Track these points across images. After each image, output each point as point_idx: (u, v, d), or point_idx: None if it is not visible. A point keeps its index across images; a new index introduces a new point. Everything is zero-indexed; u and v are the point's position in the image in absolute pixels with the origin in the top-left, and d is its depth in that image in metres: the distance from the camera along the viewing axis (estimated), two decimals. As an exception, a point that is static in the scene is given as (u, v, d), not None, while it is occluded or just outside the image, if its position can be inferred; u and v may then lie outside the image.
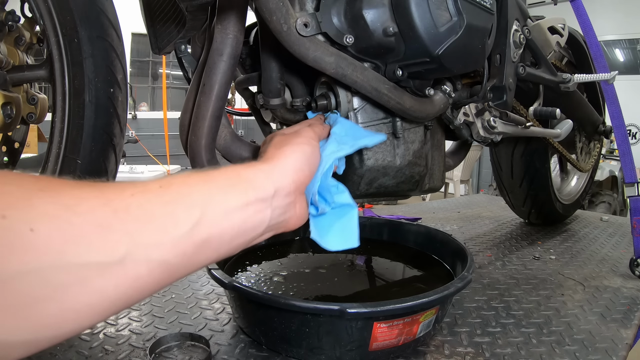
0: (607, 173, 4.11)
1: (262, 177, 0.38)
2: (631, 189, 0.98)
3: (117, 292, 0.27)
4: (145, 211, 0.29)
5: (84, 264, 0.25)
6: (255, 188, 0.37)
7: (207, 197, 0.33)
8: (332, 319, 0.54)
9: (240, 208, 0.35)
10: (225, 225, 0.33)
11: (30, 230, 0.24)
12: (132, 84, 6.62)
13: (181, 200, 0.31)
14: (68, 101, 0.70)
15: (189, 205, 0.31)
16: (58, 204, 0.25)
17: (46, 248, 0.24)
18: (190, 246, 0.31)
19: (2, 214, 0.23)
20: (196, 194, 0.32)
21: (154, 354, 0.58)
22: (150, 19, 0.67)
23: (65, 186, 0.27)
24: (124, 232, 0.27)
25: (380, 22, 0.53)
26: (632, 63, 5.73)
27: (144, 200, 0.29)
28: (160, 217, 0.29)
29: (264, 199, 0.37)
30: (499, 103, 0.72)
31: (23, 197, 0.25)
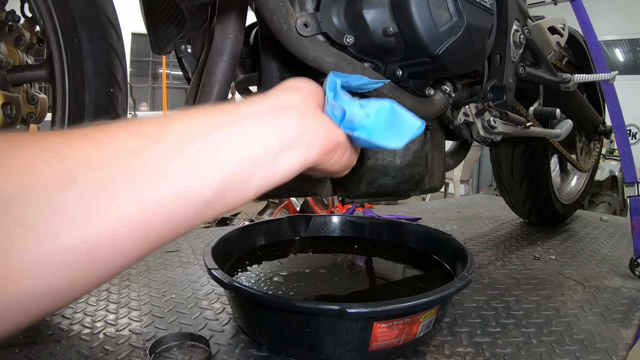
0: (607, 173, 4.12)
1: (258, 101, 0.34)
2: (631, 189, 0.98)
3: None
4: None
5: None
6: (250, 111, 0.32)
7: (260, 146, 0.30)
8: (332, 319, 0.54)
9: (289, 150, 0.32)
10: (277, 173, 0.31)
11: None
12: (132, 84, 6.63)
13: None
14: (68, 101, 0.70)
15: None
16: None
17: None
18: (248, 194, 0.30)
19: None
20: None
21: (154, 354, 0.58)
22: (150, 19, 0.67)
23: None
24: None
25: (380, 22, 0.53)
26: (632, 63, 5.74)
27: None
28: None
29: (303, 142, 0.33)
30: (499, 103, 0.72)
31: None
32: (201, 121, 0.30)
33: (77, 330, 0.64)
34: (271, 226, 0.89)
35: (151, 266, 0.92)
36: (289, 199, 3.07)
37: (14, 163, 0.22)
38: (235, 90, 0.79)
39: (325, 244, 0.92)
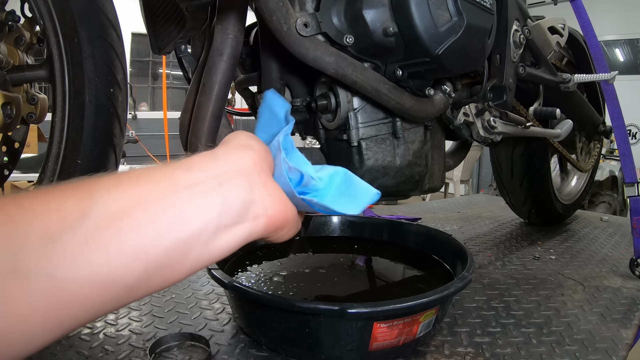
0: (607, 173, 4.11)
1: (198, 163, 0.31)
2: (631, 189, 0.98)
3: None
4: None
5: None
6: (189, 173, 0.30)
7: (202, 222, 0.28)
8: (332, 319, 0.54)
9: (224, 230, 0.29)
10: (215, 249, 0.29)
11: None
12: (132, 84, 6.63)
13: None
14: (68, 101, 0.70)
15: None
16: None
17: None
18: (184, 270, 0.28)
19: None
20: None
21: (154, 354, 0.58)
22: (150, 19, 0.67)
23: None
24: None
25: (380, 22, 0.53)
26: (632, 63, 5.73)
27: None
28: None
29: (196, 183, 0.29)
30: (499, 103, 0.72)
31: None
32: (130, 196, 0.27)
33: (77, 330, 0.64)
34: (271, 226, 0.88)
35: (151, 266, 0.92)
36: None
37: None
38: (235, 90, 0.79)
39: (325, 244, 0.92)
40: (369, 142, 0.62)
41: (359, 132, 0.62)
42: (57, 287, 0.24)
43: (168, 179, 0.29)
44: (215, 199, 0.29)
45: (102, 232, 0.25)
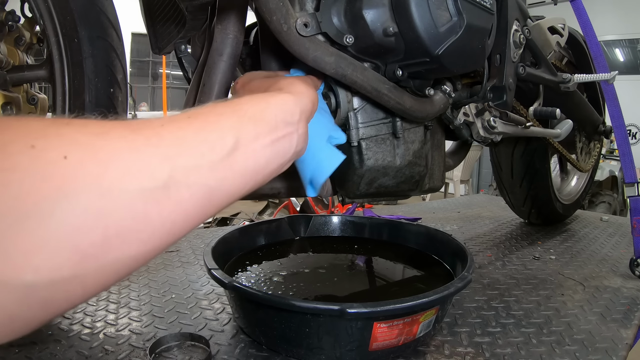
0: (607, 173, 4.12)
1: (288, 104, 0.39)
2: (631, 189, 0.98)
3: (162, 218, 0.26)
4: (178, 137, 0.28)
5: (123, 189, 0.24)
6: (282, 113, 0.37)
7: (238, 125, 0.33)
8: (332, 319, 0.54)
9: (271, 132, 0.35)
10: (259, 151, 0.34)
11: (63, 157, 0.22)
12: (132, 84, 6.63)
13: (213, 128, 0.31)
14: (68, 101, 0.70)
15: (222, 132, 0.31)
16: (88, 133, 0.24)
17: (82, 174, 0.23)
18: (229, 171, 0.31)
19: (31, 144, 0.22)
20: (226, 122, 0.32)
21: (154, 354, 0.58)
22: (150, 19, 0.67)
23: (90, 120, 0.26)
24: (161, 156, 0.26)
25: (380, 22, 0.53)
26: (632, 63, 5.74)
27: (175, 128, 0.29)
28: (195, 142, 0.29)
29: (291, 123, 0.38)
30: (499, 103, 0.72)
31: (50, 127, 0.24)
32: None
33: (77, 330, 0.64)
34: (271, 226, 0.89)
35: (151, 266, 0.92)
36: (289, 199, 3.07)
37: None
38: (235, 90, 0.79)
39: (325, 244, 0.92)
40: (369, 142, 0.62)
41: (359, 132, 0.62)
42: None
43: (271, 123, 0.36)
44: (292, 144, 0.38)
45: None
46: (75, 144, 0.23)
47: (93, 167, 0.23)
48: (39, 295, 0.22)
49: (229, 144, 0.31)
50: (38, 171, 0.22)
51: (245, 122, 0.33)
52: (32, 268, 0.21)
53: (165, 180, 0.26)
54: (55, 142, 0.23)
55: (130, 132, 0.26)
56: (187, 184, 0.27)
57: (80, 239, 0.23)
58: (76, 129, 0.24)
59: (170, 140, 0.28)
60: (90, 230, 0.23)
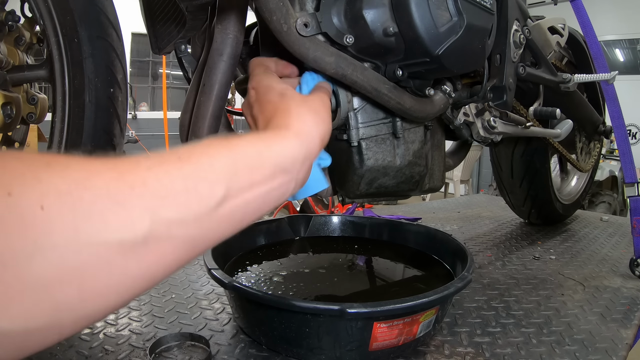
0: (607, 173, 4.11)
1: (291, 151, 0.36)
2: (631, 189, 0.98)
3: (141, 271, 0.26)
4: (164, 186, 0.26)
5: (102, 242, 0.23)
6: (283, 161, 0.35)
7: (231, 172, 0.30)
8: (332, 319, 0.54)
9: (267, 182, 0.33)
10: (250, 201, 0.32)
11: (40, 207, 0.22)
12: (132, 84, 6.62)
13: (203, 175, 0.29)
14: (68, 101, 0.70)
15: (213, 180, 0.29)
16: (67, 179, 0.23)
17: (60, 226, 0.22)
18: (215, 222, 0.29)
19: (8, 191, 0.21)
20: (219, 168, 0.30)
21: (154, 354, 0.58)
22: (150, 19, 0.67)
23: (72, 161, 0.24)
24: (143, 208, 0.25)
25: (380, 22, 0.53)
26: (632, 63, 5.73)
27: (162, 173, 0.27)
28: (181, 192, 0.27)
29: (290, 172, 0.36)
30: (499, 103, 0.72)
31: (29, 171, 0.22)
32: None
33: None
34: (271, 226, 0.89)
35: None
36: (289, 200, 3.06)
37: None
38: (235, 90, 0.79)
39: (325, 244, 0.92)
40: (369, 142, 0.62)
41: (359, 132, 0.62)
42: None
43: (268, 171, 0.34)
44: (288, 190, 0.37)
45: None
46: (54, 192, 0.22)
47: (70, 220, 0.22)
48: (13, 340, 0.22)
49: (219, 195, 0.29)
50: (14, 222, 0.21)
51: (240, 169, 0.31)
52: (6, 316, 0.21)
53: (146, 233, 0.25)
54: (32, 190, 0.22)
55: (114, 178, 0.25)
56: (169, 236, 0.26)
57: (55, 292, 0.22)
58: (57, 174, 0.23)
59: (155, 189, 0.26)
60: (65, 284, 0.23)
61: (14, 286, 0.21)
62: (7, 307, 0.21)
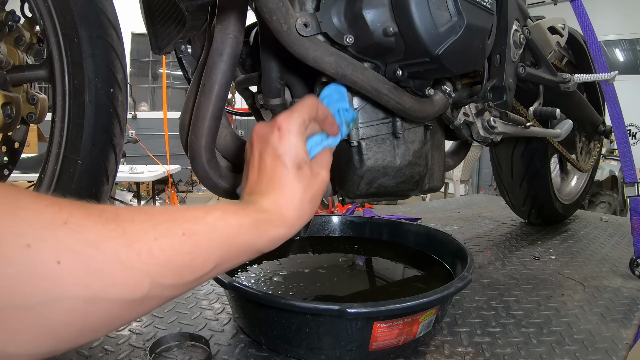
0: (607, 173, 4.12)
1: (277, 239, 0.41)
2: (631, 189, 0.98)
3: (132, 317, 0.31)
4: (167, 257, 0.31)
5: (107, 299, 0.28)
6: (267, 246, 0.40)
7: (224, 254, 0.36)
8: (332, 319, 0.54)
9: (248, 257, 0.39)
10: (229, 267, 0.38)
11: (56, 262, 0.25)
12: (132, 84, 6.63)
13: (201, 254, 0.33)
14: (68, 101, 0.70)
15: (207, 259, 0.34)
16: (82, 240, 0.27)
17: (72, 281, 0.26)
18: (196, 284, 0.35)
19: (27, 243, 0.24)
20: (215, 250, 0.35)
21: (154, 354, 0.58)
22: (150, 19, 0.67)
23: (88, 221, 0.28)
24: (146, 273, 0.29)
25: (380, 22, 0.53)
26: (632, 63, 5.73)
27: (167, 246, 0.31)
28: (180, 265, 0.32)
29: (268, 250, 0.41)
30: (499, 103, 0.72)
31: (48, 229, 0.26)
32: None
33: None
34: (271, 226, 0.88)
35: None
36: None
37: None
38: (235, 90, 0.79)
39: (325, 244, 0.92)
40: (369, 142, 0.62)
41: (359, 132, 0.62)
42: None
43: (253, 252, 0.40)
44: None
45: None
46: (70, 251, 0.26)
47: (82, 277, 0.26)
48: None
49: (208, 268, 0.34)
50: (32, 271, 0.25)
51: (231, 252, 0.36)
52: (15, 344, 0.25)
53: (144, 295, 0.30)
54: (50, 246, 0.25)
55: (124, 244, 0.29)
56: (159, 296, 0.31)
57: (60, 331, 0.27)
58: (72, 235, 0.27)
59: (159, 259, 0.30)
60: (70, 326, 0.27)
61: (24, 323, 0.25)
62: (17, 338, 0.25)
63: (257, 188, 0.43)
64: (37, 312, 0.25)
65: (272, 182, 0.42)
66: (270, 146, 0.43)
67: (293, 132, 0.43)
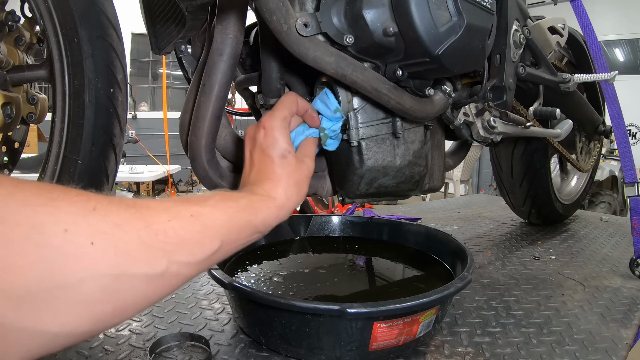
0: (607, 173, 4.12)
1: (270, 219, 0.46)
2: (631, 189, 0.98)
3: (155, 296, 0.34)
4: (180, 237, 0.35)
5: (133, 275, 0.31)
6: (262, 226, 0.45)
7: (227, 232, 0.40)
8: (332, 319, 0.54)
9: (247, 238, 0.43)
10: (231, 249, 0.41)
11: (90, 243, 0.29)
12: (132, 84, 6.62)
13: (208, 232, 0.38)
14: (68, 101, 0.70)
15: (213, 237, 0.38)
16: (110, 223, 0.30)
17: (104, 259, 0.29)
18: (207, 264, 0.38)
19: (64, 228, 0.28)
20: (219, 229, 0.39)
21: (154, 354, 0.58)
22: (150, 19, 0.67)
23: (112, 207, 0.32)
24: (163, 252, 0.33)
25: (380, 22, 0.53)
26: (632, 63, 5.73)
27: (178, 226, 0.35)
28: (191, 243, 0.36)
29: (264, 232, 0.46)
30: (499, 103, 0.72)
31: (80, 214, 0.29)
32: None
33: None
34: (271, 226, 0.89)
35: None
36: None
37: None
38: (235, 90, 0.79)
39: (325, 244, 0.92)
40: (369, 142, 0.62)
41: (359, 132, 0.62)
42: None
43: (251, 231, 0.44)
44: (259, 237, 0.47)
45: None
46: (101, 233, 0.30)
47: (113, 255, 0.30)
48: (58, 341, 0.29)
49: (215, 247, 0.38)
50: (71, 252, 0.28)
51: (233, 230, 0.41)
52: (58, 323, 0.28)
53: (163, 271, 0.33)
54: (84, 230, 0.29)
55: (144, 226, 0.33)
56: (177, 274, 0.35)
57: (97, 309, 0.30)
58: (101, 219, 0.30)
59: (173, 239, 0.34)
60: (105, 303, 0.30)
61: (66, 302, 0.28)
62: (59, 317, 0.28)
63: (249, 180, 0.50)
64: (77, 291, 0.28)
65: (260, 173, 0.49)
66: (257, 144, 0.50)
67: (276, 128, 0.50)
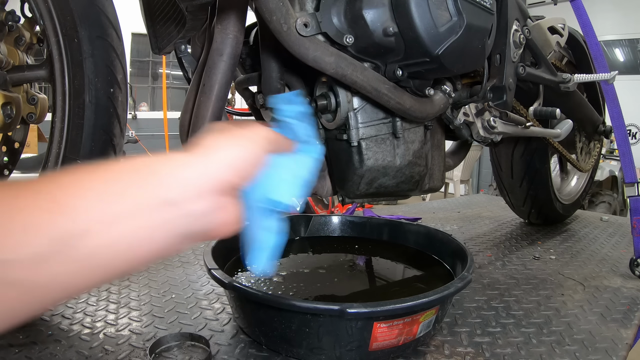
0: (607, 173, 4.11)
1: (177, 172, 0.30)
2: (631, 189, 0.98)
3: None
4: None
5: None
6: (162, 187, 0.29)
7: (92, 203, 0.27)
8: (332, 319, 0.54)
9: (137, 214, 0.28)
10: (116, 236, 0.27)
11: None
12: (132, 84, 6.62)
13: (57, 208, 0.25)
14: (68, 101, 0.70)
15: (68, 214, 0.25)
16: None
17: None
18: (70, 262, 0.25)
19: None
20: (78, 199, 0.26)
21: (154, 354, 0.58)
22: (150, 19, 0.67)
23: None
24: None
25: (380, 22, 0.53)
26: (632, 63, 5.73)
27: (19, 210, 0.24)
28: (12, 232, 0.23)
29: (173, 202, 0.29)
30: (499, 103, 0.72)
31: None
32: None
33: (77, 330, 0.64)
34: (271, 226, 0.88)
35: (151, 266, 0.92)
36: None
37: None
38: (235, 90, 0.79)
39: (325, 244, 0.92)
40: (369, 142, 0.62)
41: (359, 132, 0.62)
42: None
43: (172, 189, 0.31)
44: (175, 227, 0.32)
45: None
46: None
47: None
48: None
49: (76, 230, 0.25)
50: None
51: (102, 198, 0.27)
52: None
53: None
54: None
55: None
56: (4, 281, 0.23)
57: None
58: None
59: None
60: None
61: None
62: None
63: None
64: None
65: None
66: None
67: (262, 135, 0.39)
